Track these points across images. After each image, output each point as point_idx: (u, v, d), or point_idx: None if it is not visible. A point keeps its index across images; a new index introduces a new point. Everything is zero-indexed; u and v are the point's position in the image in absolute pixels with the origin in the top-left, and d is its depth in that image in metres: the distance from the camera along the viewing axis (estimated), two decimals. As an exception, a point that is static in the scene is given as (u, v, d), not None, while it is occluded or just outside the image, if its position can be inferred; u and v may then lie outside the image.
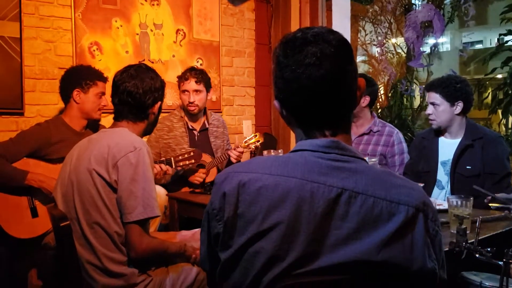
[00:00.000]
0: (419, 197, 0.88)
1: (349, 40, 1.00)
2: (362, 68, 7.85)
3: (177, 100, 3.22)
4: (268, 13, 4.13)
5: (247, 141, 3.01)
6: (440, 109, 2.47)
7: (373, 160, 2.20)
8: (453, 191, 2.40)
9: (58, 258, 1.70)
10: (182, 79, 2.99)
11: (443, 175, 2.51)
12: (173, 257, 1.81)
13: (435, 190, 2.52)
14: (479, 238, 1.50)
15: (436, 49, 4.55)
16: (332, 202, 0.86)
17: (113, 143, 1.68)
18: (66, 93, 2.59)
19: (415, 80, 7.58)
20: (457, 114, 2.47)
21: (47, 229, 2.18)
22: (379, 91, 6.75)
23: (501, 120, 7.24)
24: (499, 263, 1.33)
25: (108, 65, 3.14)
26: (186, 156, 2.66)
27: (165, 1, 3.46)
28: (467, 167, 2.40)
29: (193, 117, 3.07)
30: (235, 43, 3.94)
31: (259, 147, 3.07)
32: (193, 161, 2.68)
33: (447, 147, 2.51)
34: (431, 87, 2.53)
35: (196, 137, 3.08)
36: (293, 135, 3.90)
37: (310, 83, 0.91)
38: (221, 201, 0.92)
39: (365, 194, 0.86)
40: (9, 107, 2.78)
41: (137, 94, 1.79)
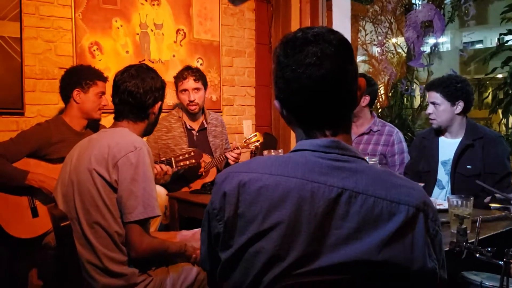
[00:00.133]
0: (419, 197, 0.88)
1: (349, 40, 1.00)
2: (362, 68, 7.85)
3: (177, 100, 3.21)
4: (269, 13, 4.12)
5: (246, 140, 3.01)
6: (441, 109, 2.47)
7: (373, 160, 2.20)
8: (453, 191, 2.40)
9: (59, 258, 1.70)
10: (180, 78, 2.98)
11: (443, 175, 2.51)
12: (173, 257, 1.81)
13: (436, 189, 2.52)
14: (480, 238, 1.50)
15: (436, 48, 4.55)
16: (333, 202, 0.86)
17: (113, 143, 1.69)
18: (66, 93, 2.59)
19: (415, 80, 7.57)
20: (458, 114, 2.47)
21: (47, 229, 2.18)
22: (379, 90, 6.75)
23: (501, 120, 7.23)
24: (500, 263, 1.33)
25: (109, 65, 3.14)
26: (186, 156, 2.66)
27: (165, 1, 3.46)
28: (467, 166, 2.40)
29: (192, 116, 3.07)
30: (235, 43, 3.94)
31: (259, 147, 3.06)
32: (193, 161, 2.68)
33: (448, 146, 2.51)
34: (431, 86, 2.53)
35: (195, 137, 3.07)
36: (293, 135, 3.90)
37: (311, 83, 0.91)
38: (222, 201, 0.92)
39: (365, 194, 0.86)
40: (9, 107, 2.78)
41: (137, 94, 1.79)
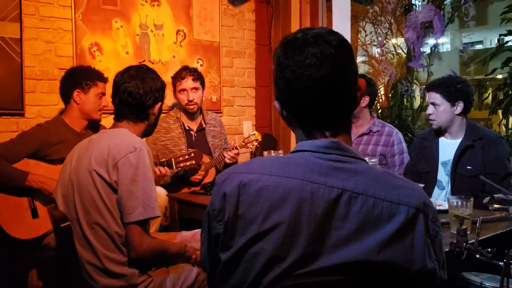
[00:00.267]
0: (419, 197, 0.88)
1: (349, 40, 1.00)
2: (362, 68, 7.84)
3: (175, 101, 3.21)
4: (268, 13, 4.13)
5: (245, 140, 3.00)
6: (441, 109, 2.47)
7: (373, 160, 2.20)
8: (453, 192, 2.40)
9: (59, 258, 1.70)
10: (178, 78, 2.98)
11: (443, 176, 2.51)
12: (173, 257, 1.81)
13: (436, 190, 2.52)
14: (480, 238, 1.50)
15: (436, 49, 4.55)
16: (333, 202, 0.86)
17: (113, 143, 1.69)
18: (66, 93, 2.59)
19: (415, 81, 7.58)
20: (458, 115, 2.47)
21: (47, 229, 2.18)
22: (379, 91, 6.76)
23: (501, 121, 7.23)
24: (500, 263, 1.33)
25: (108, 65, 3.14)
26: (186, 157, 2.66)
27: (165, 1, 3.46)
28: (467, 167, 2.40)
29: (190, 117, 3.07)
30: (235, 44, 3.94)
31: (258, 145, 3.06)
32: (193, 162, 2.68)
33: (448, 147, 2.51)
34: (431, 87, 2.53)
35: (194, 138, 3.07)
36: (293, 136, 3.90)
37: (311, 83, 0.91)
38: (222, 201, 0.92)
39: (365, 195, 0.86)
40: (9, 108, 2.78)
41: (137, 95, 1.79)
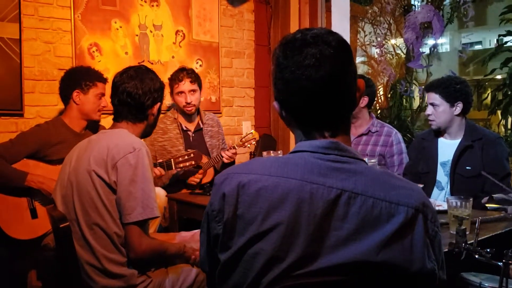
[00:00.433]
0: (418, 198, 0.88)
1: (348, 41, 1.00)
2: (361, 69, 7.84)
3: (172, 102, 3.21)
4: (268, 14, 4.13)
5: (242, 139, 3.00)
6: (440, 110, 2.47)
7: (372, 161, 2.20)
8: (452, 192, 2.40)
9: (58, 259, 1.70)
10: (175, 80, 2.96)
11: (442, 176, 2.51)
12: (172, 258, 1.81)
13: (435, 191, 2.52)
14: (479, 239, 1.51)
15: (435, 50, 4.56)
16: (332, 203, 0.86)
17: (112, 144, 1.69)
18: (66, 94, 2.59)
19: (414, 81, 7.58)
20: (457, 115, 2.47)
21: (46, 230, 2.18)
22: (378, 92, 6.76)
23: (500, 121, 7.23)
24: (499, 264, 1.33)
25: (108, 66, 3.14)
26: (186, 158, 2.66)
27: (164, 2, 3.46)
28: (466, 167, 2.41)
29: (187, 118, 3.06)
30: (234, 44, 3.94)
31: (255, 144, 3.06)
32: (193, 162, 2.67)
33: (447, 148, 2.51)
34: (430, 87, 2.53)
35: (191, 138, 3.07)
36: (292, 136, 3.90)
37: (310, 84, 0.91)
38: (221, 202, 0.92)
39: (364, 195, 0.86)
40: (8, 108, 2.78)
41: (136, 95, 1.79)
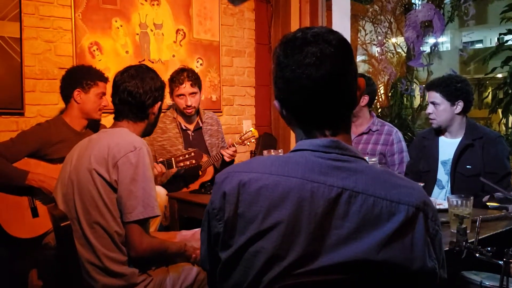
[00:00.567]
0: (419, 196, 0.88)
1: (349, 40, 1.00)
2: (362, 67, 7.83)
3: (171, 101, 3.20)
4: (268, 12, 4.13)
5: (242, 137, 2.99)
6: (441, 109, 2.47)
7: (373, 159, 2.20)
8: (453, 191, 2.40)
9: (59, 258, 1.70)
10: (176, 83, 2.93)
11: (443, 175, 2.51)
12: (173, 256, 1.81)
13: (435, 189, 2.52)
14: (479, 237, 1.50)
15: (436, 48, 4.54)
16: (332, 201, 0.86)
17: (113, 143, 1.69)
18: (67, 93, 2.59)
19: (415, 80, 7.57)
20: (457, 114, 2.47)
21: (47, 229, 2.18)
22: (379, 90, 6.75)
23: (501, 120, 7.22)
24: (499, 262, 1.33)
25: (108, 65, 3.14)
26: (187, 157, 2.66)
27: (165, 1, 3.46)
28: (467, 166, 2.40)
29: (187, 117, 3.06)
30: (235, 43, 3.94)
31: (255, 142, 3.06)
32: (193, 161, 2.67)
33: (447, 146, 2.51)
34: (431, 86, 2.53)
35: (191, 137, 3.07)
36: (293, 135, 3.90)
37: (310, 83, 0.91)
38: (222, 200, 0.92)
39: (365, 194, 0.86)
40: (9, 107, 2.78)
41: (137, 94, 1.79)
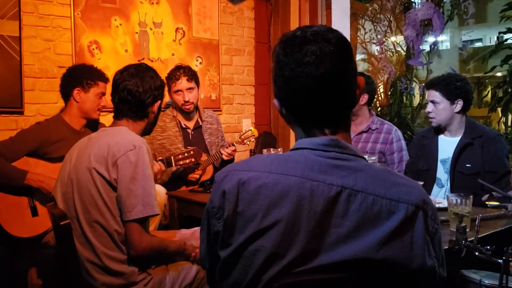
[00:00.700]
0: (418, 195, 0.88)
1: (348, 38, 1.00)
2: (361, 66, 7.82)
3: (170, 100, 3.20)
4: (268, 11, 4.12)
5: (241, 136, 2.99)
6: (440, 107, 2.47)
7: (372, 158, 2.20)
8: (452, 189, 2.40)
9: (58, 257, 1.70)
10: (172, 79, 2.95)
11: (442, 173, 2.52)
12: (173, 255, 1.81)
13: (435, 188, 2.53)
14: (479, 236, 1.50)
15: (435, 47, 4.55)
16: (332, 200, 0.86)
17: (113, 141, 1.69)
18: (66, 91, 2.59)
19: (414, 79, 7.56)
20: (457, 112, 2.47)
21: (47, 228, 2.18)
22: (378, 89, 6.74)
23: (500, 118, 7.22)
24: (499, 261, 1.33)
25: (108, 63, 3.13)
26: (186, 155, 2.66)
27: (164, -1, 3.46)
28: (466, 165, 2.41)
29: (186, 115, 3.06)
30: (234, 42, 3.93)
31: (254, 141, 3.06)
32: (192, 160, 2.67)
33: (447, 145, 2.51)
34: (431, 85, 2.53)
35: (190, 136, 3.07)
36: (292, 134, 3.89)
37: (310, 81, 0.91)
38: (221, 199, 0.92)
39: (364, 192, 0.86)
40: (8, 106, 2.78)
41: (137, 93, 1.79)
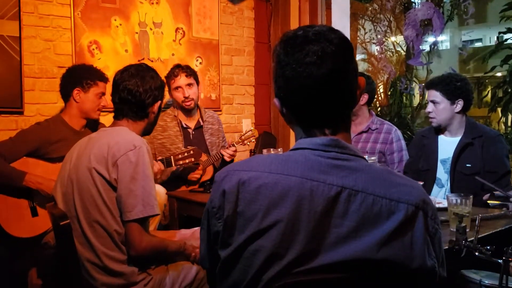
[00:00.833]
0: (418, 195, 0.88)
1: (349, 38, 0.99)
2: (361, 66, 7.82)
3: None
4: (268, 11, 4.12)
5: (242, 137, 2.99)
6: (440, 107, 2.47)
7: (372, 158, 2.20)
8: (452, 189, 2.40)
9: (58, 257, 1.71)
10: (171, 76, 2.97)
11: (442, 173, 2.51)
12: (173, 255, 1.81)
13: (435, 188, 2.52)
14: (479, 236, 1.50)
15: (435, 47, 4.55)
16: (332, 200, 0.86)
17: (113, 141, 1.69)
18: (66, 91, 2.58)
19: (414, 79, 7.56)
20: (457, 112, 2.47)
21: (47, 228, 2.18)
22: (378, 89, 6.75)
23: (500, 118, 7.24)
24: (499, 261, 1.33)
25: (108, 63, 3.13)
26: (185, 155, 2.66)
27: (164, -1, 3.46)
28: (467, 165, 2.41)
29: (188, 114, 3.06)
30: (234, 42, 3.93)
31: (255, 142, 3.06)
32: (192, 159, 2.67)
33: (447, 145, 2.51)
34: (431, 85, 2.53)
35: (191, 136, 3.06)
36: (292, 134, 3.89)
37: (311, 81, 0.91)
38: (221, 199, 0.92)
39: (364, 192, 0.86)
40: (8, 106, 2.78)
41: (137, 93, 1.79)
